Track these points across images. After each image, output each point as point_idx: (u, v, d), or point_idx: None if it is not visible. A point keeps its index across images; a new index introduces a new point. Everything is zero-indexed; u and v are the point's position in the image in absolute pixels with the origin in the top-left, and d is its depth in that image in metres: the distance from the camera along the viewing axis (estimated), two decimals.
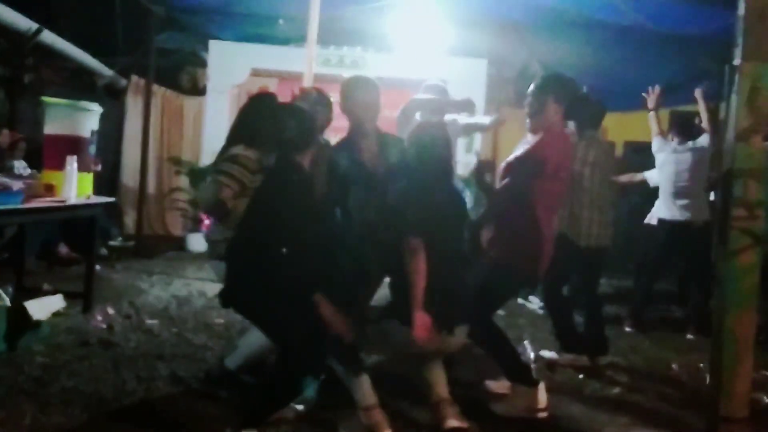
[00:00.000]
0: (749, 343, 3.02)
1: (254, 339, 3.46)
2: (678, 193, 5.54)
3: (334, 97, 3.72)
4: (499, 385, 3.78)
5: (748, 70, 3.03)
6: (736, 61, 3.05)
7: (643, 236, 5.87)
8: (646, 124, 5.73)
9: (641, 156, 6.02)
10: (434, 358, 3.25)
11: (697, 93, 5.57)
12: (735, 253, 3.03)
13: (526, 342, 4.82)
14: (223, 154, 3.52)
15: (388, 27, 7.78)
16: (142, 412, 3.28)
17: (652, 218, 5.87)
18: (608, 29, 6.44)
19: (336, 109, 3.77)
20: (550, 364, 4.37)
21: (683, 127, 5.75)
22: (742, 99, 3.03)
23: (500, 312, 5.85)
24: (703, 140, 5.57)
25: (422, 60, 8.15)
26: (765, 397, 4.00)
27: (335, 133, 4.09)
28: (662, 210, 5.66)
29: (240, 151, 3.43)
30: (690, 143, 5.57)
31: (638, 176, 6.04)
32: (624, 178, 6.10)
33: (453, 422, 3.13)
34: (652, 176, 5.88)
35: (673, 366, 4.62)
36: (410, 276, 2.99)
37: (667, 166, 5.61)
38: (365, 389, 3.11)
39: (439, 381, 3.25)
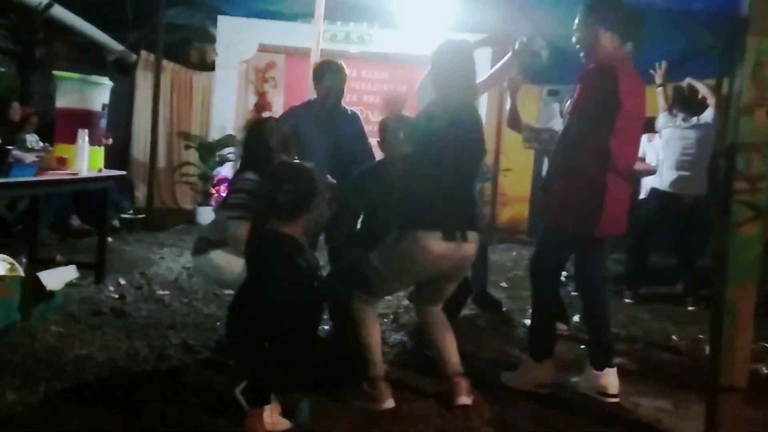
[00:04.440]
0: (749, 315, 3.05)
1: None
2: (679, 167, 5.58)
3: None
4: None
5: (752, 44, 3.03)
6: (740, 35, 3.07)
7: (641, 211, 5.92)
8: (651, 100, 5.73)
9: (646, 131, 6.01)
10: (458, 272, 3.23)
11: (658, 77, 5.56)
12: (737, 226, 3.06)
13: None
14: (235, 180, 3.58)
15: (393, 3, 7.78)
16: (154, 379, 3.35)
17: (646, 192, 5.93)
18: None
19: None
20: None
21: (685, 101, 5.77)
22: (746, 73, 3.04)
23: (504, 284, 5.98)
24: (708, 116, 5.58)
25: (427, 36, 8.14)
26: (764, 368, 4.07)
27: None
28: (658, 180, 5.71)
29: (247, 176, 3.48)
30: (695, 119, 5.59)
31: (651, 165, 5.99)
32: (640, 167, 5.97)
33: (465, 399, 3.15)
34: (651, 154, 5.91)
35: (673, 337, 4.70)
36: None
37: (672, 142, 5.64)
38: (373, 359, 3.14)
39: (453, 352, 3.25)
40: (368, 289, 3.19)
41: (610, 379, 3.42)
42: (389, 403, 3.09)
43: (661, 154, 5.77)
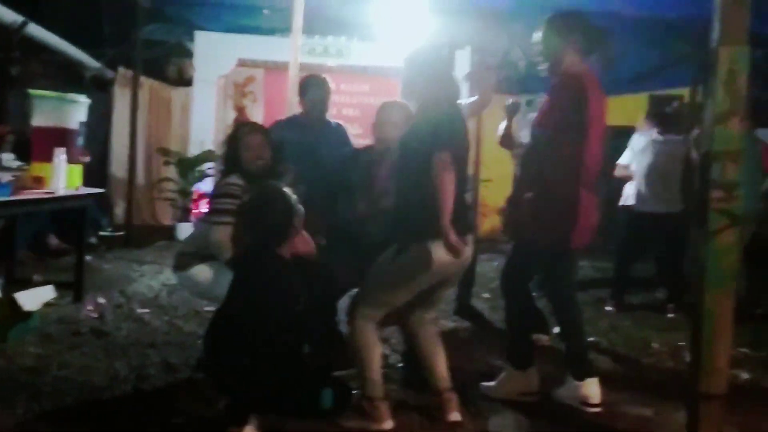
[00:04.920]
0: (728, 322, 3.08)
1: None
2: (653, 184, 5.62)
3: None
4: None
5: (725, 54, 3.07)
6: (713, 45, 3.11)
7: (622, 218, 5.96)
8: (626, 109, 5.80)
9: (620, 140, 6.06)
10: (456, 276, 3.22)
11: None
12: (713, 234, 3.09)
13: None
14: (220, 185, 3.53)
15: (371, 16, 7.81)
16: (135, 399, 3.32)
17: (627, 200, 5.95)
18: (585, 15, 6.49)
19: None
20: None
21: (657, 114, 5.83)
22: (720, 82, 3.08)
23: (486, 294, 5.99)
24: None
25: (406, 48, 8.17)
26: (743, 374, 4.10)
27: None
28: (637, 200, 5.74)
29: (230, 180, 3.44)
30: (669, 136, 5.65)
31: (630, 169, 5.95)
32: (620, 172, 5.98)
33: (456, 416, 3.13)
34: (629, 162, 5.93)
35: (653, 345, 4.72)
36: (439, 192, 2.89)
37: (645, 155, 5.68)
38: (373, 378, 3.09)
39: (442, 369, 3.21)
40: (371, 303, 3.12)
41: (592, 388, 3.42)
42: (388, 424, 3.05)
43: (636, 169, 5.79)
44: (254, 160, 3.45)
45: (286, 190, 3.07)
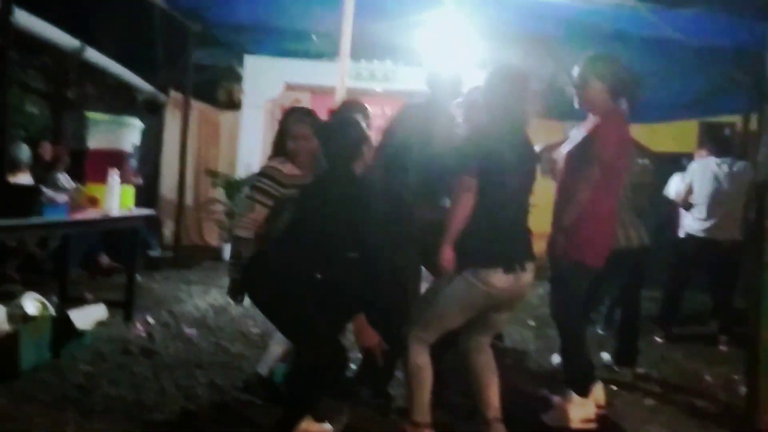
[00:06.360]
0: None
1: (277, 342, 3.59)
2: (715, 210, 5.50)
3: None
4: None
5: None
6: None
7: (673, 247, 5.83)
8: (675, 135, 5.70)
9: (671, 167, 5.96)
10: (513, 302, 3.17)
11: None
12: None
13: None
14: (265, 167, 3.54)
15: (417, 41, 7.86)
16: (182, 419, 3.36)
17: (683, 231, 5.83)
18: (637, 41, 6.44)
19: None
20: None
21: (716, 140, 5.71)
22: None
23: (531, 322, 5.92)
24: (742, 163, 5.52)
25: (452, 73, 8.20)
26: None
27: None
28: (693, 225, 5.63)
29: (274, 164, 3.45)
30: (729, 159, 5.53)
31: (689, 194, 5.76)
32: (681, 198, 5.81)
33: None
34: (679, 187, 5.83)
35: (706, 377, 4.60)
36: (449, 210, 2.95)
37: (706, 181, 5.57)
38: (422, 402, 3.06)
39: (494, 397, 3.14)
40: (425, 326, 3.09)
41: (590, 406, 3.51)
42: None
43: (696, 196, 5.67)
44: (298, 150, 3.42)
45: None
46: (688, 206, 5.70)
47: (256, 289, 3.08)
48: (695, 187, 5.63)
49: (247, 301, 3.32)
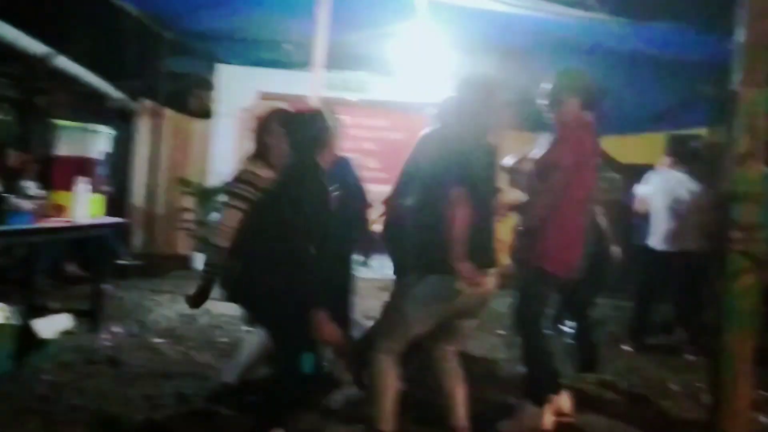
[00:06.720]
0: (748, 364, 3.04)
1: (245, 349, 3.60)
2: (667, 222, 5.59)
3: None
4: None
5: (747, 96, 3.09)
6: (735, 87, 3.11)
7: (641, 257, 5.89)
8: (644, 147, 5.77)
9: (639, 179, 6.03)
10: (477, 309, 3.16)
11: None
12: (734, 275, 3.07)
13: None
14: (242, 171, 3.54)
15: (391, 52, 7.90)
16: (147, 429, 3.32)
17: (647, 240, 5.90)
18: (608, 54, 6.54)
19: None
20: None
21: (678, 152, 5.80)
22: (741, 124, 3.09)
23: (500, 331, 5.93)
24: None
25: (425, 84, 8.25)
26: (762, 417, 4.01)
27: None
28: (654, 238, 5.70)
29: (250, 167, 3.46)
30: (687, 171, 5.61)
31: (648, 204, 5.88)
32: (639, 206, 5.94)
33: None
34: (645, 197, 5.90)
35: (672, 386, 4.65)
36: (451, 226, 2.91)
37: (661, 193, 5.66)
38: (386, 410, 3.06)
39: (460, 405, 3.17)
40: (390, 333, 3.11)
41: (546, 415, 3.53)
42: None
43: (653, 207, 5.76)
44: (277, 148, 3.42)
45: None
46: (645, 216, 5.79)
47: (238, 290, 3.08)
48: (653, 198, 5.72)
49: (214, 308, 3.32)
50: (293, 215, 2.93)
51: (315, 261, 2.91)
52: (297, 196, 2.97)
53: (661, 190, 5.69)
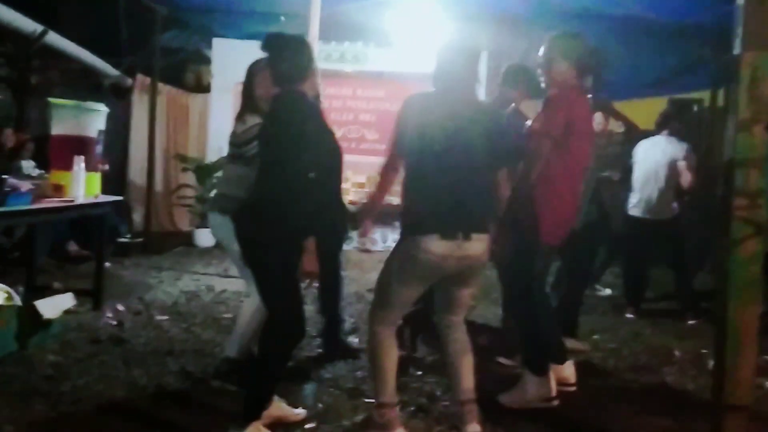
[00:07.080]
0: (752, 332, 3.03)
1: (243, 321, 3.57)
2: (643, 189, 5.64)
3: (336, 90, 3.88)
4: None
5: (748, 60, 3.03)
6: (736, 51, 3.06)
7: (626, 225, 5.90)
8: (644, 113, 5.75)
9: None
10: (466, 274, 3.09)
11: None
12: (737, 243, 3.04)
13: None
14: (240, 131, 3.59)
15: (388, 22, 7.83)
16: (153, 408, 3.33)
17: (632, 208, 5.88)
18: (606, 20, 6.47)
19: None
20: None
21: (680, 113, 5.77)
22: (743, 89, 3.04)
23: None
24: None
25: (422, 54, 8.18)
26: (766, 382, 4.03)
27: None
28: (631, 205, 5.73)
29: (249, 124, 3.51)
30: (669, 137, 5.59)
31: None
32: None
33: (475, 427, 3.04)
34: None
35: (676, 352, 4.66)
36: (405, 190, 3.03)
37: (642, 160, 5.64)
38: (386, 382, 3.04)
39: (468, 376, 3.10)
40: (380, 302, 3.10)
41: (550, 382, 3.50)
42: None
43: (635, 175, 5.75)
44: (267, 97, 3.40)
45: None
46: (626, 184, 5.79)
47: (245, 231, 3.02)
48: (636, 165, 5.71)
49: (217, 284, 3.31)
50: (289, 139, 2.91)
51: (314, 186, 2.89)
52: (289, 119, 2.95)
53: (640, 158, 5.68)
